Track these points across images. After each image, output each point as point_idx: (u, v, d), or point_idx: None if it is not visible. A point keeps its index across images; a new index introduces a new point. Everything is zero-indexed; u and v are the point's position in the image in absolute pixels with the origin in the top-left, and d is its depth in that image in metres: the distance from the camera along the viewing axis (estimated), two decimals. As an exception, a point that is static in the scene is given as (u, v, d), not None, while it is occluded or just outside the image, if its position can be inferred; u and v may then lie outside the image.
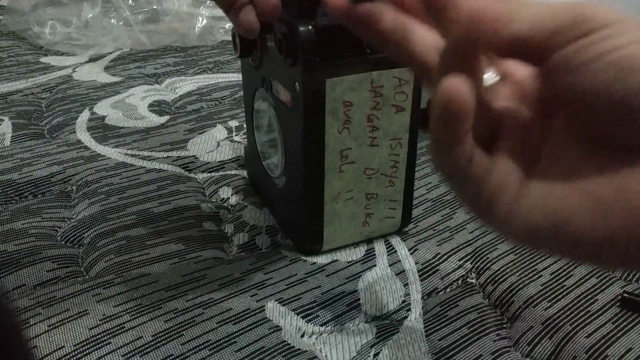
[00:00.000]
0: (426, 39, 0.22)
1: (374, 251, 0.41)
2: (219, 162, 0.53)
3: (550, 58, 0.19)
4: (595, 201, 0.20)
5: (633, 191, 0.19)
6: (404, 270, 0.39)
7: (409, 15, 0.23)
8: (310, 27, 0.32)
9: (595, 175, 0.21)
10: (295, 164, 0.38)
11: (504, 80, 0.23)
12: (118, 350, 0.31)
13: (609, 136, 0.20)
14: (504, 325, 0.35)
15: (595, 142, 0.21)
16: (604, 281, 0.38)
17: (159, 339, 0.32)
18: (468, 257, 0.41)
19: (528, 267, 0.39)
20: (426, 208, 0.46)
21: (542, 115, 0.22)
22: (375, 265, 0.40)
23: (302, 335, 0.34)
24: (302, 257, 0.40)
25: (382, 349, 0.33)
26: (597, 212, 0.20)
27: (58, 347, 0.31)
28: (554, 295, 0.37)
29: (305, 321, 0.34)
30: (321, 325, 0.34)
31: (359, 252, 0.41)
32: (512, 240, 0.23)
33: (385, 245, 0.42)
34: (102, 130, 0.59)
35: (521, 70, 0.23)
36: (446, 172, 0.22)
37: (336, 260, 0.40)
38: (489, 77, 0.23)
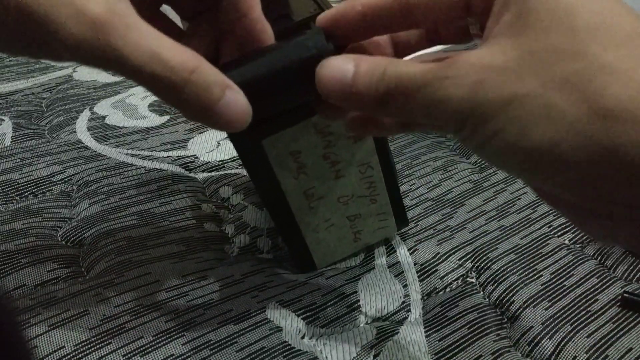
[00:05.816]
0: None
1: (374, 253, 0.41)
2: (219, 161, 0.53)
3: None
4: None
5: None
6: (403, 271, 0.39)
7: None
8: None
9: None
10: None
11: None
12: (119, 351, 0.31)
13: None
14: (504, 325, 0.35)
15: None
16: (604, 281, 0.38)
17: (160, 339, 0.32)
18: (468, 257, 0.41)
19: (528, 266, 0.39)
20: (426, 207, 0.46)
21: None
22: (374, 267, 0.40)
23: (303, 337, 0.34)
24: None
25: (382, 350, 0.33)
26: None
27: (58, 347, 0.31)
28: (554, 295, 0.37)
29: (306, 323, 0.34)
30: (321, 327, 0.34)
31: (358, 256, 0.41)
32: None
33: (385, 246, 0.42)
34: (102, 130, 0.59)
35: None
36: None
37: (336, 265, 0.40)
38: None
